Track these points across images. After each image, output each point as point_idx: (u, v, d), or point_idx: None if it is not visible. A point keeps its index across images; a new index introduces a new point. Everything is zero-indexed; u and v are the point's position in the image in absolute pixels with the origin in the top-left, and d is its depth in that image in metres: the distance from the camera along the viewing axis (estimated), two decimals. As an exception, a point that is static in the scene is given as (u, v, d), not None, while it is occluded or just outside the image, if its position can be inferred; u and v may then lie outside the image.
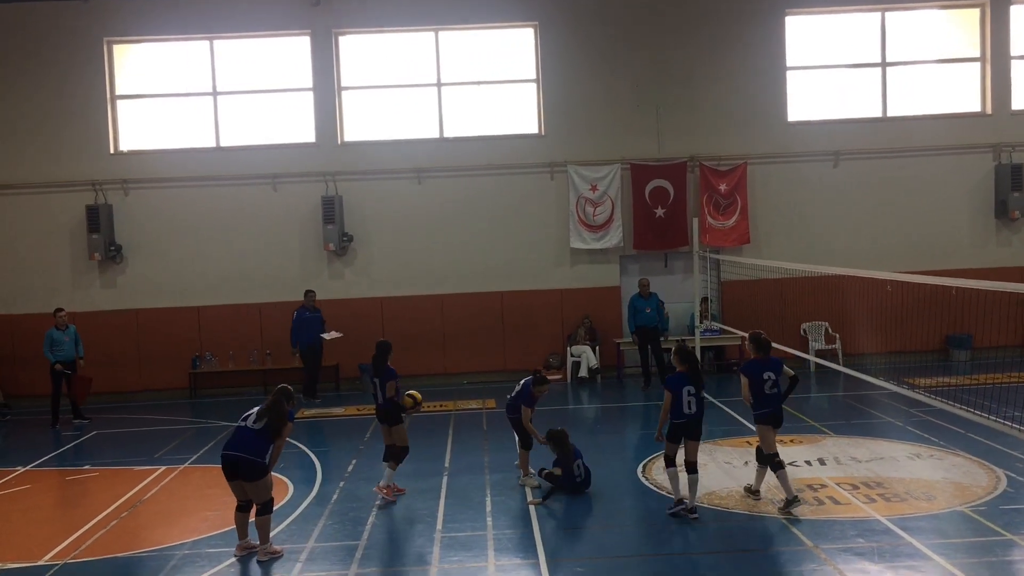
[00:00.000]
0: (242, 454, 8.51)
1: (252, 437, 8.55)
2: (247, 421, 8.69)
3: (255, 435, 8.56)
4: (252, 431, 8.59)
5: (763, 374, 9.60)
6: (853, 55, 18.98)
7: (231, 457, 8.56)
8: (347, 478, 11.53)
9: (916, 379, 13.86)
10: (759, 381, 9.58)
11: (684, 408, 9.33)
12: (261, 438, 8.55)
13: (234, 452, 8.56)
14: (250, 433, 8.58)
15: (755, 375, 9.61)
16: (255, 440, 8.54)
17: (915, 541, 8.37)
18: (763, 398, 9.59)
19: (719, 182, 18.51)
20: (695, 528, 9.17)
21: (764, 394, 9.58)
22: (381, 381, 10.48)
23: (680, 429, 9.37)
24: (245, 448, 8.52)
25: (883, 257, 17.85)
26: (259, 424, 8.58)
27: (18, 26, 18.29)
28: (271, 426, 8.57)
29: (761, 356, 9.77)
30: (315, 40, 18.52)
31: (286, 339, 17.90)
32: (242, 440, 8.57)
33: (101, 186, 18.40)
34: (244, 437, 8.59)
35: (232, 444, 8.62)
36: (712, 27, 18.62)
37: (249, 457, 8.50)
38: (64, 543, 9.33)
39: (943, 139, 18.73)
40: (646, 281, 17.35)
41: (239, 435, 8.63)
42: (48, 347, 15.83)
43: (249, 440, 8.55)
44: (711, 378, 17.73)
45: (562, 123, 18.68)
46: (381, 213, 18.62)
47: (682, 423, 9.36)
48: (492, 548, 8.71)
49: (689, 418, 9.34)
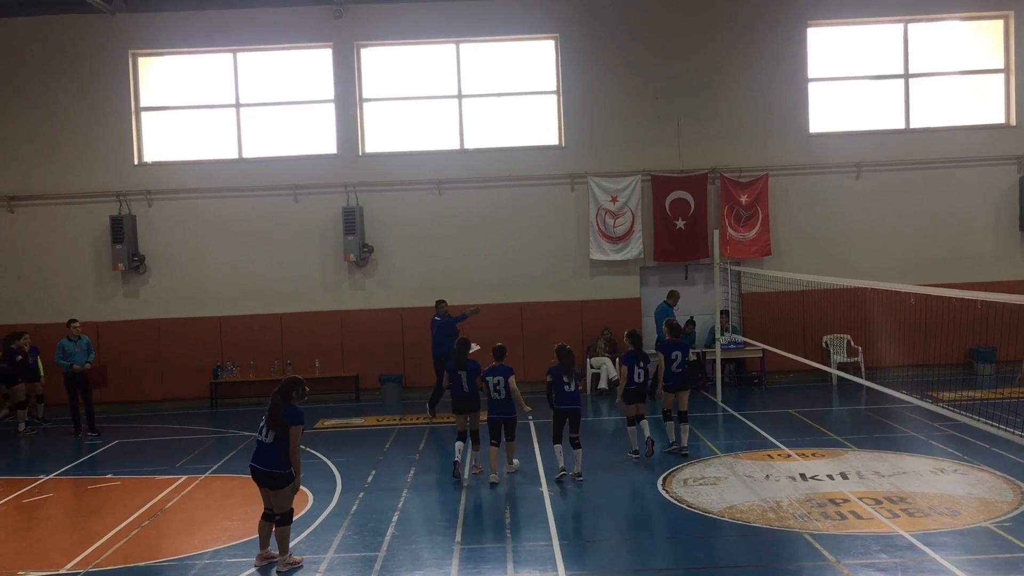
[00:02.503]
0: (262, 467, 8.62)
1: (267, 449, 8.60)
2: (261, 433, 8.71)
3: (268, 448, 8.60)
4: (267, 444, 8.62)
5: (672, 353, 12.47)
6: (876, 66, 18.88)
7: (255, 469, 8.69)
8: (367, 489, 11.54)
9: (940, 393, 13.74)
10: (669, 359, 12.42)
11: (634, 378, 12.09)
12: (275, 449, 8.56)
13: (256, 465, 8.68)
14: (264, 446, 8.63)
15: (668, 353, 12.47)
16: (270, 452, 8.58)
17: (939, 557, 8.27)
18: (670, 373, 12.43)
19: (740, 193, 18.45)
20: (716, 542, 9.11)
21: (671, 371, 12.42)
22: (468, 374, 11.84)
23: (633, 395, 12.10)
24: (264, 461, 8.61)
25: (906, 269, 17.71)
26: (270, 438, 8.60)
27: (45, 38, 18.53)
28: (279, 436, 8.56)
29: (673, 339, 12.65)
30: (337, 52, 18.64)
31: (306, 349, 17.99)
32: (261, 453, 8.65)
33: (125, 197, 18.57)
34: (261, 450, 8.66)
35: (255, 457, 8.72)
36: (733, 38, 18.59)
37: (268, 470, 8.58)
38: (86, 552, 9.38)
39: (967, 151, 18.59)
40: (677, 293, 17.34)
41: (259, 448, 8.70)
42: (60, 357, 16.00)
43: (266, 453, 8.61)
44: (732, 391, 17.66)
45: (582, 135, 18.69)
46: (401, 224, 18.67)
47: (633, 389, 12.11)
48: (511, 560, 8.68)
49: (638, 386, 12.12)
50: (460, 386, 11.89)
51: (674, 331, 12.74)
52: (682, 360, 12.51)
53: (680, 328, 12.93)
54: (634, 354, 12.14)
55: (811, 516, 9.57)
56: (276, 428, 8.54)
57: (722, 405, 16.31)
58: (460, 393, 11.91)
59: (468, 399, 11.86)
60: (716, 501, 10.27)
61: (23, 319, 18.20)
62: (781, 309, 17.57)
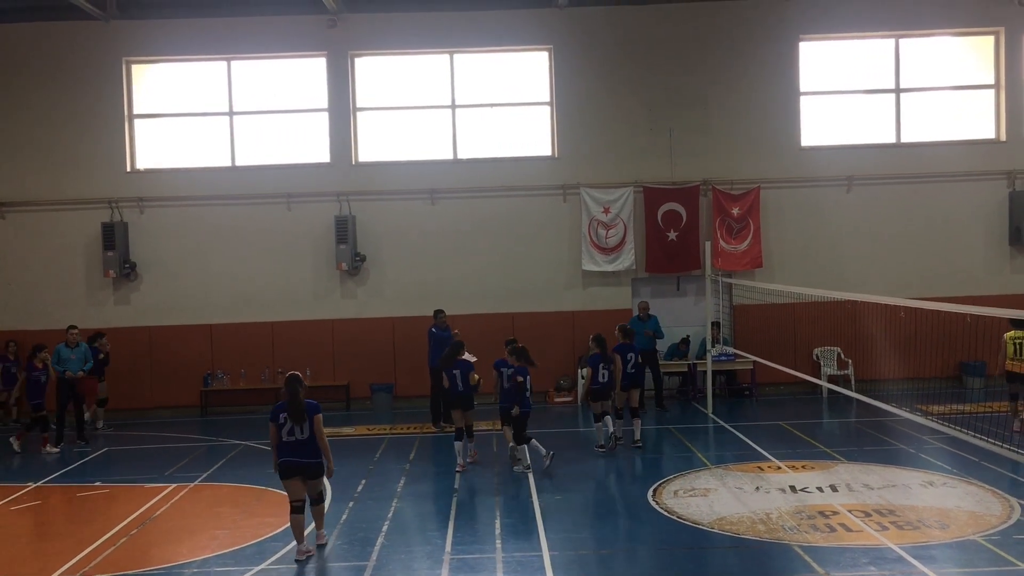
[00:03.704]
0: (306, 460, 9.13)
1: (304, 444, 9.11)
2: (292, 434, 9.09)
3: (305, 443, 9.11)
4: (301, 440, 9.09)
5: (626, 355, 13.66)
6: (867, 81, 19.00)
7: (294, 464, 9.13)
8: (357, 498, 11.51)
9: (929, 406, 13.78)
10: (624, 360, 13.61)
11: (599, 378, 13.43)
12: (311, 442, 9.13)
13: (296, 459, 9.11)
14: (301, 442, 9.10)
15: (623, 355, 13.61)
16: (308, 445, 9.12)
17: (928, 570, 8.29)
18: (625, 374, 13.61)
19: (732, 206, 18.52)
20: (706, 554, 9.12)
21: (625, 371, 13.61)
22: (462, 372, 12.78)
23: (598, 393, 13.48)
24: (306, 454, 9.13)
25: (896, 283, 17.79)
26: (305, 433, 9.08)
27: (38, 44, 18.53)
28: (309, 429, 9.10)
29: (627, 342, 13.78)
30: (331, 61, 18.68)
31: (297, 357, 17.94)
32: (298, 449, 9.11)
33: (117, 204, 18.55)
34: (298, 446, 9.11)
35: (292, 454, 9.12)
36: (726, 51, 18.69)
37: (312, 460, 9.17)
38: (74, 560, 9.33)
39: (957, 165, 18.70)
40: (645, 304, 17.42)
41: (293, 445, 9.10)
42: (55, 362, 15.84)
43: (303, 448, 9.11)
44: (723, 403, 17.68)
45: (575, 146, 18.75)
46: (394, 233, 18.69)
47: (597, 388, 13.47)
48: (501, 570, 8.67)
49: (602, 385, 13.47)
50: (455, 384, 12.80)
51: (626, 335, 13.92)
52: (635, 361, 13.79)
53: (632, 333, 14.16)
54: (599, 356, 13.47)
55: (801, 528, 9.58)
56: (303, 421, 9.05)
57: (712, 417, 16.33)
58: (455, 391, 12.84)
59: (463, 396, 12.85)
60: (706, 513, 10.28)
61: (13, 325, 18.16)
62: (772, 321, 17.61)
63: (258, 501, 11.63)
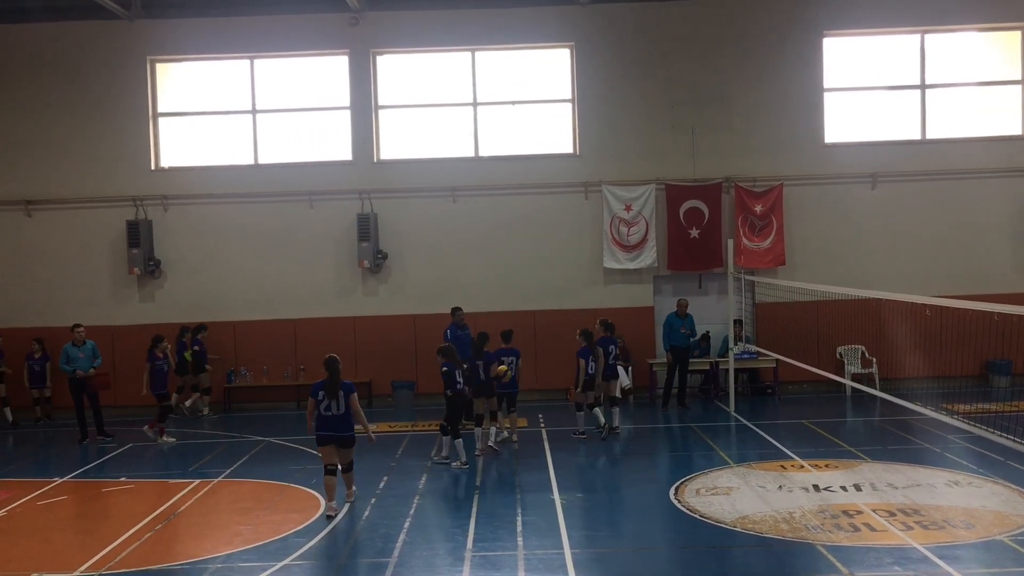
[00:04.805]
0: (343, 433, 10.73)
1: (342, 418, 10.68)
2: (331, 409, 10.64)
3: (343, 417, 10.68)
4: (338, 416, 10.64)
5: (608, 347, 14.58)
6: (892, 77, 18.83)
7: (333, 437, 10.67)
8: (378, 495, 11.55)
9: (955, 405, 13.64)
10: (606, 353, 14.48)
11: (588, 370, 14.20)
12: (348, 416, 10.73)
13: (334, 433, 10.66)
14: (339, 417, 10.66)
15: (605, 348, 14.49)
16: (345, 419, 10.71)
17: (953, 570, 8.22)
18: (607, 365, 14.48)
19: (754, 203, 18.42)
20: (729, 553, 9.09)
21: (607, 363, 14.47)
22: (485, 363, 13.77)
23: (587, 384, 14.28)
24: (343, 427, 10.73)
25: (921, 280, 17.65)
26: (342, 408, 10.65)
27: (63, 44, 18.71)
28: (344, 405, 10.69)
29: (607, 335, 14.63)
30: (353, 59, 18.73)
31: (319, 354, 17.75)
32: (336, 423, 10.67)
33: (141, 202, 18.70)
34: (335, 420, 10.67)
35: (330, 428, 10.67)
36: (749, 48, 18.59)
37: (349, 433, 10.81)
38: (100, 554, 9.42)
39: (983, 162, 18.52)
40: (684, 301, 17.31)
41: (332, 420, 10.65)
42: (63, 363, 15.94)
43: (341, 421, 10.70)
44: (745, 401, 17.60)
45: (597, 143, 18.71)
46: (415, 231, 18.73)
47: (587, 380, 14.23)
48: (523, 568, 8.67)
49: (591, 376, 14.26)
50: (477, 375, 13.73)
51: (608, 329, 14.79)
52: (615, 354, 14.77)
53: (613, 326, 15.02)
54: (587, 349, 14.29)
55: (824, 528, 9.53)
56: (336, 397, 10.61)
57: (735, 415, 16.26)
58: (477, 381, 13.75)
59: (486, 387, 13.83)
60: (728, 511, 10.24)
61: (39, 322, 18.35)
62: (795, 319, 17.51)
63: (281, 497, 11.69)
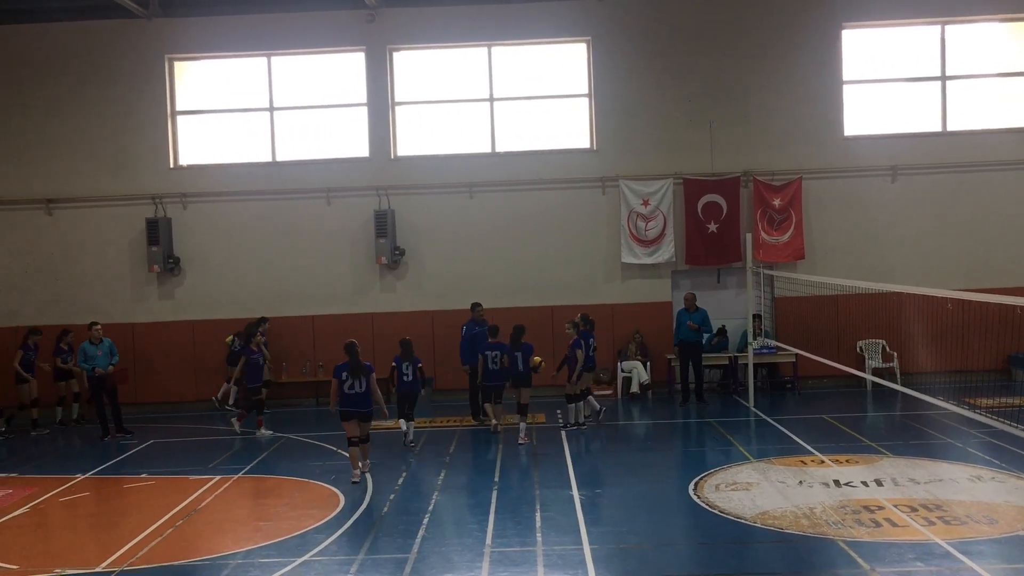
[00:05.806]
0: (363, 409, 11.97)
1: (363, 396, 11.91)
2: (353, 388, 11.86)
3: (363, 395, 11.91)
4: (360, 393, 11.86)
5: (589, 340, 15.06)
6: (912, 68, 18.67)
7: (356, 412, 11.91)
8: (398, 491, 11.57)
9: (977, 399, 13.53)
10: (587, 345, 14.88)
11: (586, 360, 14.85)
12: (368, 394, 11.97)
13: (354, 409, 11.91)
14: (360, 395, 11.88)
15: (586, 341, 14.90)
16: (365, 397, 11.94)
17: (976, 566, 8.14)
18: (587, 357, 14.85)
19: (773, 197, 18.31)
20: (749, 549, 9.04)
21: (588, 355, 14.88)
22: (524, 354, 14.37)
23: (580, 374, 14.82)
24: (363, 404, 11.96)
25: (943, 274, 17.52)
26: (363, 387, 11.88)
27: (82, 43, 18.82)
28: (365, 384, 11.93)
29: (588, 329, 15.17)
30: (370, 56, 18.75)
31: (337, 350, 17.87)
32: (356, 400, 11.90)
33: (160, 199, 18.80)
34: (356, 397, 11.90)
35: (352, 404, 11.90)
36: (767, 41, 18.47)
37: (368, 409, 12.06)
38: (121, 551, 9.48)
39: (1005, 154, 18.33)
40: (691, 295, 17.28)
41: (353, 397, 11.87)
42: (81, 360, 16.00)
43: (362, 399, 11.92)
44: (764, 396, 17.52)
45: (614, 138, 18.65)
46: (433, 227, 18.74)
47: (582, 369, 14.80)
48: (542, 564, 8.66)
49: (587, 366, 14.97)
50: (516, 365, 14.39)
51: (588, 323, 15.38)
52: (594, 347, 15.37)
53: (593, 321, 15.61)
54: (579, 340, 14.85)
55: (845, 523, 9.46)
56: (359, 377, 11.82)
57: (755, 410, 16.19)
58: (516, 371, 14.41)
59: (523, 376, 14.43)
60: (748, 507, 10.19)
61: (60, 320, 18.42)
62: (815, 314, 17.40)
63: (300, 493, 11.73)
